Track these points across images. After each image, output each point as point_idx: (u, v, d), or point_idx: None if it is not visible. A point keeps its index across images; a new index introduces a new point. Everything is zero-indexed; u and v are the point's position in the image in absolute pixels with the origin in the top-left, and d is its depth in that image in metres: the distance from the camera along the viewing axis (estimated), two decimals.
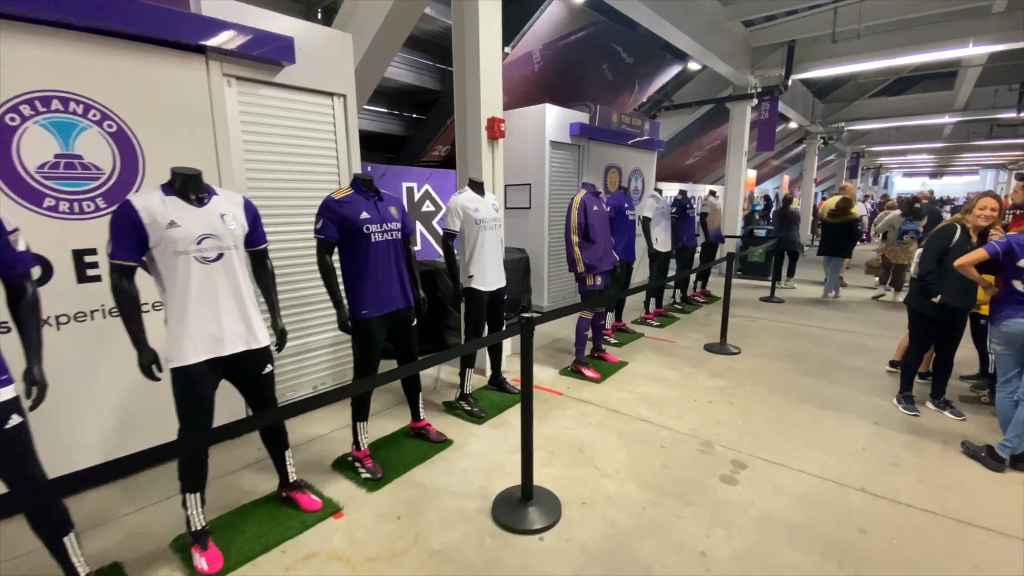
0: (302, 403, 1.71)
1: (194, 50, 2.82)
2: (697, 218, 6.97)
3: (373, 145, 7.77)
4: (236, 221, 2.06)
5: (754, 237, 9.44)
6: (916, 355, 3.51)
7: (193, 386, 1.97)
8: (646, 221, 5.63)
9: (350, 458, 2.82)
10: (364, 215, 2.50)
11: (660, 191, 5.99)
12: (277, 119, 3.24)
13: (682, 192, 6.45)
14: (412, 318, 2.78)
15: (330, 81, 3.43)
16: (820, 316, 6.40)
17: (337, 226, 2.47)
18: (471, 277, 3.29)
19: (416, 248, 6.18)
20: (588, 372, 4.19)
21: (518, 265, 6.08)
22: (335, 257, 2.58)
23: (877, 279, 7.90)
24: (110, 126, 2.58)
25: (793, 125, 14.14)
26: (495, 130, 3.80)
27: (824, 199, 19.09)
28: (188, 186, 1.96)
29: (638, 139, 7.65)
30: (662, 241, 5.75)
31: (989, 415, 3.47)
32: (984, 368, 3.91)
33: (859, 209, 7.92)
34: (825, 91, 14.34)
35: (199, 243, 1.93)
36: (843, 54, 8.24)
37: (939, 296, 3.17)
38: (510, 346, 4.33)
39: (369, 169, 5.78)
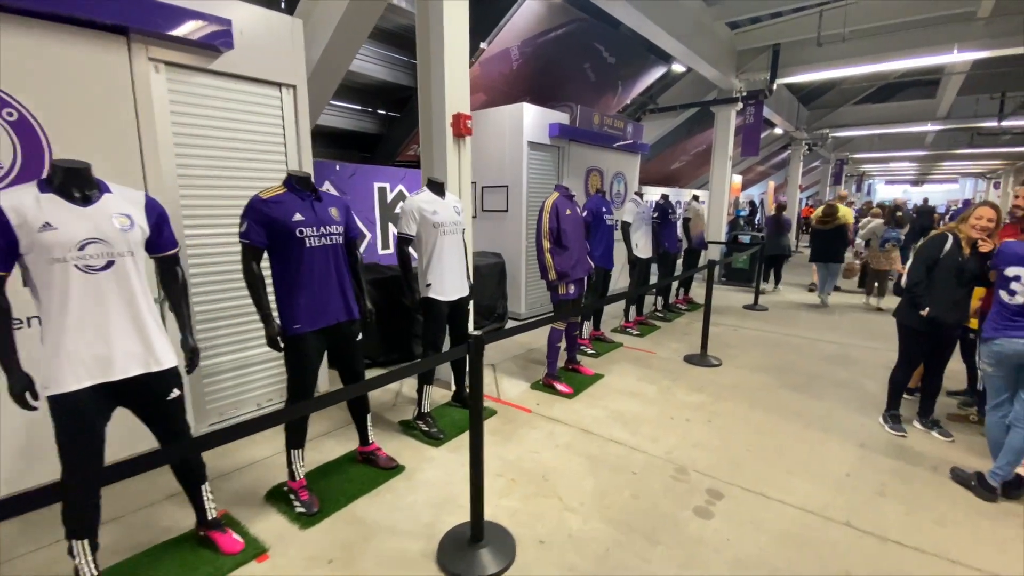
0: (217, 435, 1.44)
1: (113, 30, 2.51)
2: (679, 223, 6.78)
3: (346, 144, 7.46)
4: (133, 223, 1.77)
5: (738, 243, 9.30)
6: (904, 371, 3.31)
7: (74, 417, 1.67)
8: (626, 226, 5.41)
9: (285, 488, 2.52)
10: (297, 217, 2.22)
11: (641, 195, 5.78)
12: (215, 110, 2.94)
13: (664, 196, 6.24)
14: (356, 333, 2.50)
15: (277, 70, 3.14)
16: (804, 325, 6.23)
17: (265, 229, 2.18)
18: (429, 286, 3.02)
19: (388, 251, 5.90)
20: (560, 386, 3.93)
21: (494, 270, 5.82)
22: (266, 264, 2.29)
23: (863, 288, 7.85)
24: (10, 114, 2.27)
25: (778, 131, 14.11)
26: (460, 127, 3.53)
27: (810, 206, 19.22)
28: (71, 182, 1.67)
29: (621, 142, 7.45)
30: (643, 247, 5.52)
31: (978, 435, 3.28)
32: (972, 384, 3.73)
33: (850, 215, 8.06)
34: (810, 97, 14.31)
35: (81, 249, 1.63)
36: (828, 58, 8.13)
37: (927, 309, 2.96)
38: None
39: (338, 168, 5.51)
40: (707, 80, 8.79)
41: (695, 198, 7.37)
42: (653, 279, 6.47)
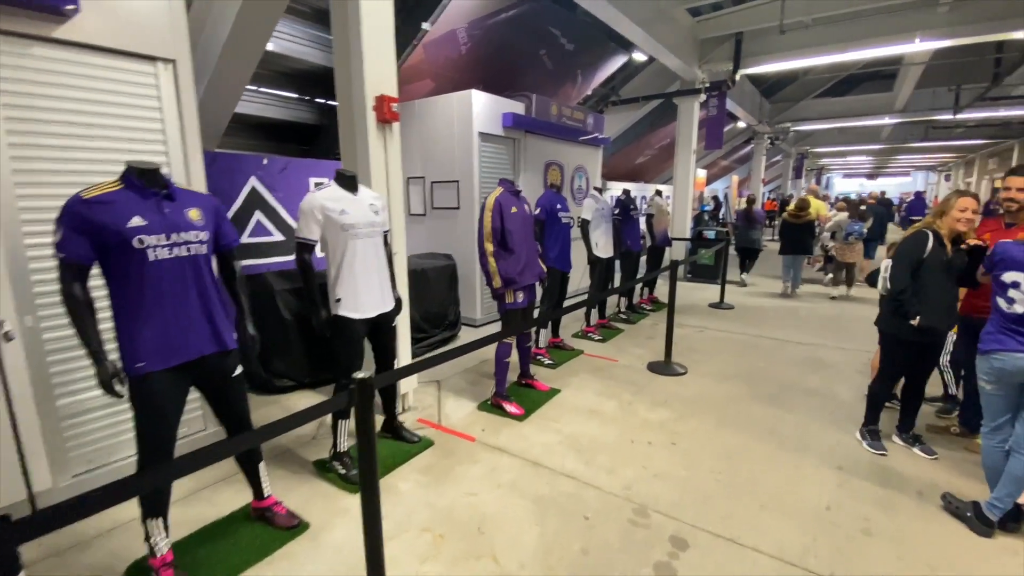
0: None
1: None
2: (642, 220, 6.43)
3: (283, 136, 6.82)
4: None
5: (703, 239, 9.07)
6: (885, 384, 2.99)
7: None
8: (584, 224, 5.00)
9: (147, 565, 2.00)
10: (135, 221, 1.69)
11: (600, 190, 5.39)
12: (65, 89, 2.34)
13: (625, 192, 5.87)
14: (232, 367, 1.98)
15: (149, 41, 2.56)
16: (772, 324, 5.98)
17: (89, 239, 1.65)
18: (339, 301, 2.51)
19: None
20: (510, 407, 3.49)
21: (444, 274, 5.33)
22: (104, 284, 1.76)
23: (829, 276, 7.91)
24: None
25: (741, 124, 14.04)
26: (384, 111, 3.03)
27: (772, 199, 19.39)
28: None
29: (581, 134, 7.05)
30: (603, 246, 5.12)
31: (962, 450, 3.01)
32: (947, 389, 3.48)
33: (824, 208, 8.29)
34: (772, 90, 14.29)
35: None
36: (791, 47, 7.93)
37: (918, 318, 2.63)
38: (415, 378, 3.58)
39: (265, 162, 4.90)
40: (670, 71, 8.49)
41: (658, 193, 7.06)
42: (617, 278, 6.11)
